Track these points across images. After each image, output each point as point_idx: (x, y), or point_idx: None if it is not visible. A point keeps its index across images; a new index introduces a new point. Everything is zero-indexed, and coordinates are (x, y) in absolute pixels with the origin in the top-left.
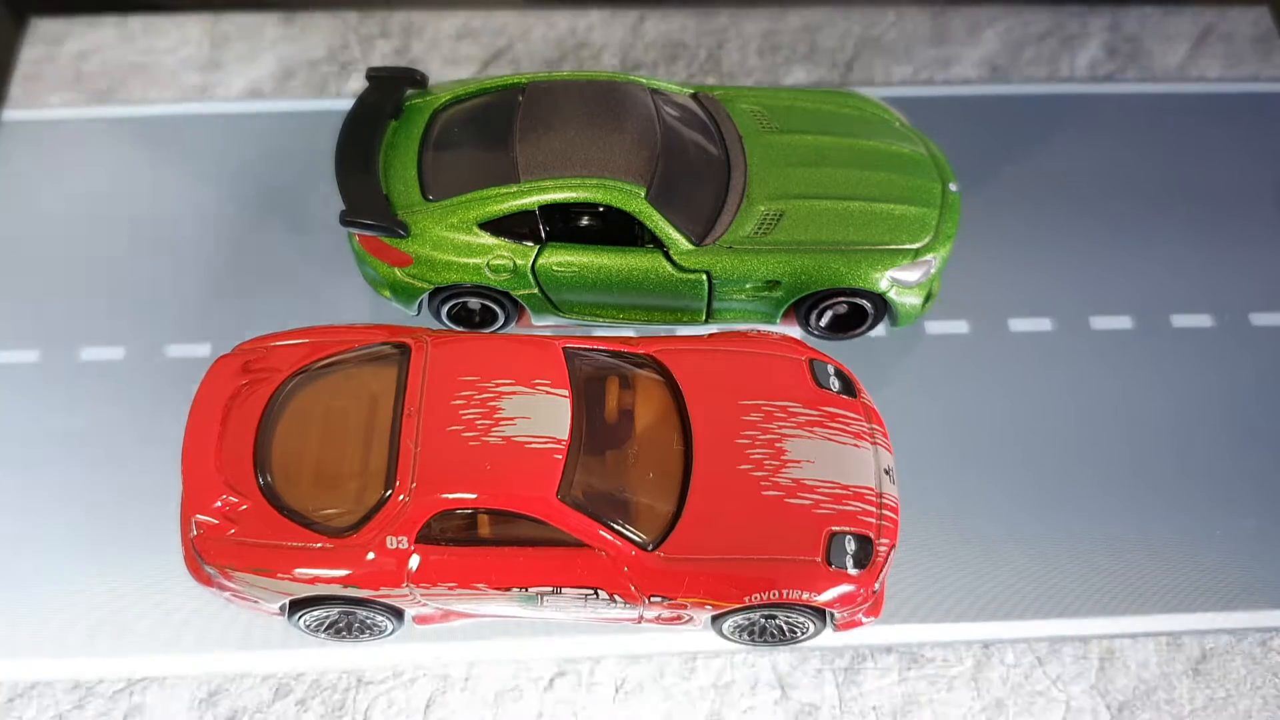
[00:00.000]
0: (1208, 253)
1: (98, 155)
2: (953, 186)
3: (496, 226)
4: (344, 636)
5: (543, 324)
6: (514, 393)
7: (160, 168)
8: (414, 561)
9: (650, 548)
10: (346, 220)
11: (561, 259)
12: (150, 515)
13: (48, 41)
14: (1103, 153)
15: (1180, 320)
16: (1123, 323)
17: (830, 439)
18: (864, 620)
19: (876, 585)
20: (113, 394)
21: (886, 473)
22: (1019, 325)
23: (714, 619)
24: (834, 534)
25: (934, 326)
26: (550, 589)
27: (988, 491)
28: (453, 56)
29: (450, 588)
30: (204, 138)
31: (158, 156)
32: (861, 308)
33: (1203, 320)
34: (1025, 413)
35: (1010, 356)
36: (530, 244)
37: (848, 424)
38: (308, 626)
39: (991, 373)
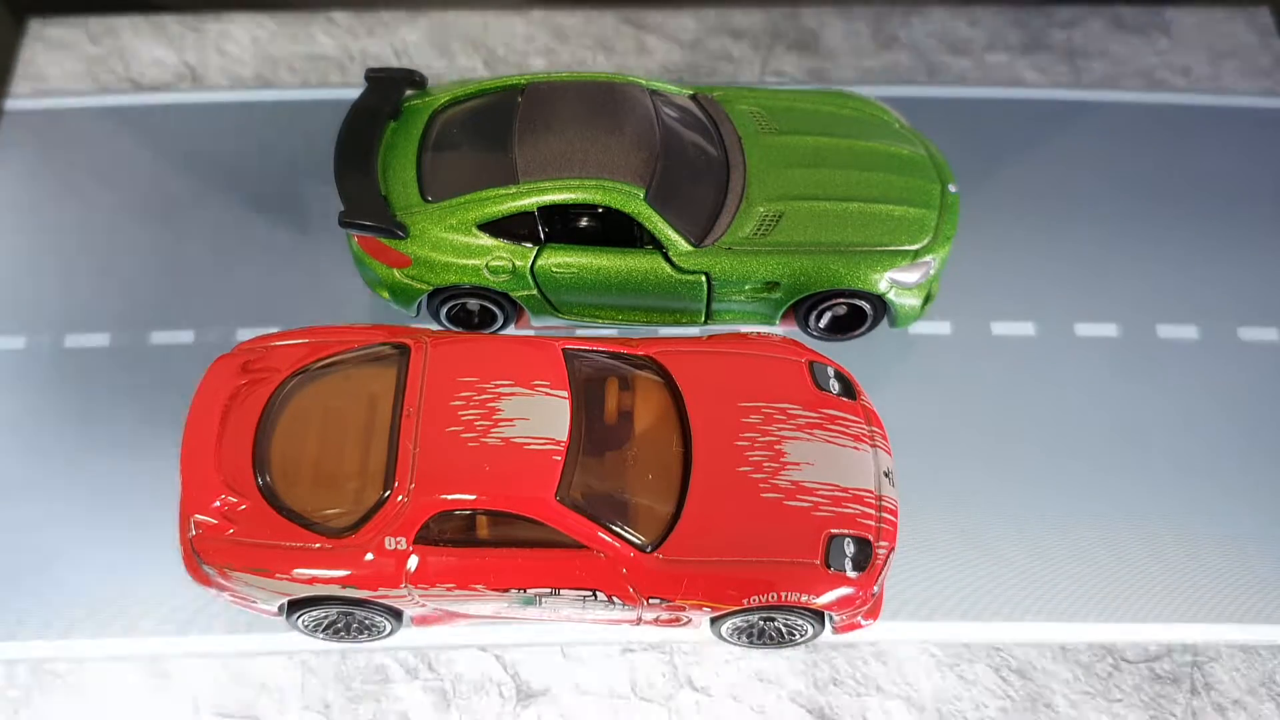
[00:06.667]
0: (1199, 263)
1: (95, 150)
2: (952, 188)
3: (495, 228)
4: (342, 637)
5: (542, 325)
6: (513, 394)
7: (155, 164)
8: (412, 562)
9: (649, 549)
10: (345, 221)
11: (560, 260)
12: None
13: (46, 41)
14: (1096, 160)
15: (1165, 331)
16: (1108, 330)
17: (830, 441)
18: (863, 623)
19: (875, 588)
20: (96, 380)
21: (886, 475)
22: (1008, 329)
23: (713, 621)
24: (833, 536)
25: (920, 328)
26: (549, 590)
27: (988, 492)
28: None
29: (448, 589)
30: (200, 135)
31: (153, 151)
32: (861, 309)
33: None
34: (1025, 416)
35: (1007, 360)
36: (529, 245)
37: (847, 426)
38: (306, 627)
39: (988, 375)
